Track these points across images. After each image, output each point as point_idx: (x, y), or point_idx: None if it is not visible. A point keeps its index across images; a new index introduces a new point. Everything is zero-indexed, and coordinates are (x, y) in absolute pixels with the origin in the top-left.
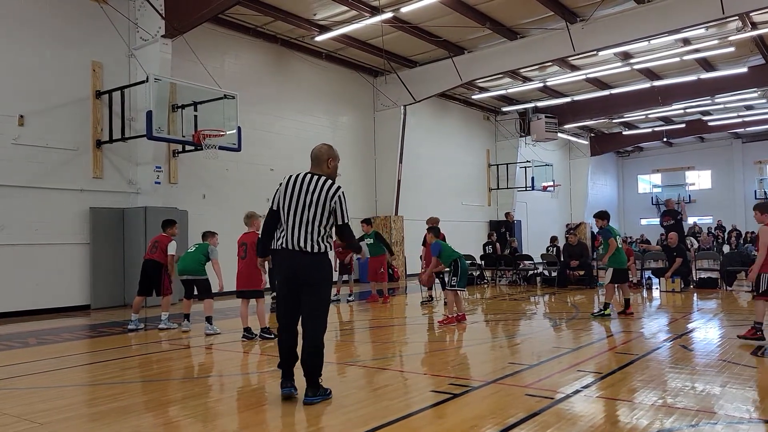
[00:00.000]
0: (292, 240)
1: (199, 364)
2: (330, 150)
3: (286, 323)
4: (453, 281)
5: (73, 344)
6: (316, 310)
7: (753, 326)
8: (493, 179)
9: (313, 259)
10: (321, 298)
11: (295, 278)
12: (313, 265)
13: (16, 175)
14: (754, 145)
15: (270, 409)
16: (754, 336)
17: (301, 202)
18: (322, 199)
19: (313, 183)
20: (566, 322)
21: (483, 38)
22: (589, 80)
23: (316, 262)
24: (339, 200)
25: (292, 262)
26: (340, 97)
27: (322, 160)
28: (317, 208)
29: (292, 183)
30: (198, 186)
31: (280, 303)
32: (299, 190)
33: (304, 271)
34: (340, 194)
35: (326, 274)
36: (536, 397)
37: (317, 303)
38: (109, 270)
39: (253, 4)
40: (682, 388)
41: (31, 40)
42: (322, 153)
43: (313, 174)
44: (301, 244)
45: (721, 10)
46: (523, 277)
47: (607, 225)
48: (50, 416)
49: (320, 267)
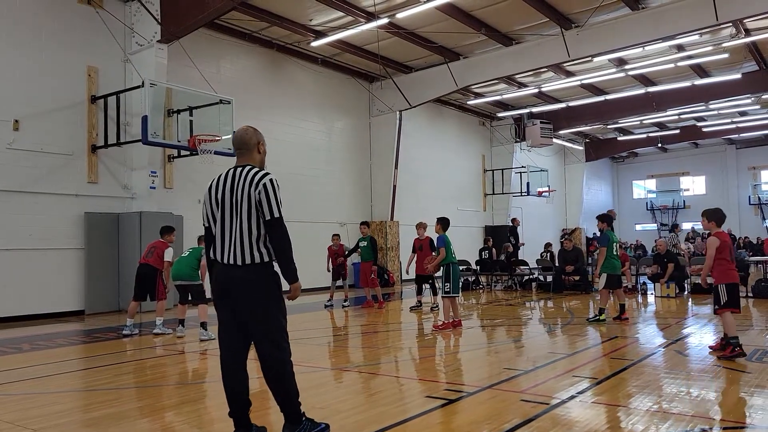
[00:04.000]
0: (223, 251)
1: (193, 370)
2: (257, 133)
3: (227, 358)
4: (446, 287)
5: (67, 350)
6: (268, 332)
7: (729, 343)
8: (488, 184)
9: (248, 271)
10: (274, 315)
11: (230, 297)
12: (256, 278)
13: (10, 180)
14: (748, 151)
15: (266, 415)
16: (733, 353)
17: (228, 203)
18: (247, 192)
19: (238, 176)
20: (561, 327)
21: (478, 44)
22: (584, 86)
23: (260, 274)
24: (265, 188)
25: (225, 278)
26: (336, 103)
27: (252, 145)
28: (248, 205)
29: (215, 186)
30: (193, 191)
31: (220, 330)
32: (223, 190)
33: (238, 288)
34: (266, 181)
35: (272, 287)
36: (531, 403)
37: (271, 323)
38: (103, 275)
39: (249, 10)
40: (677, 393)
41: (27, 45)
42: (249, 136)
43: (236, 167)
44: (233, 255)
45: (715, 17)
46: (519, 282)
47: (607, 229)
48: (44, 422)
49: (260, 281)
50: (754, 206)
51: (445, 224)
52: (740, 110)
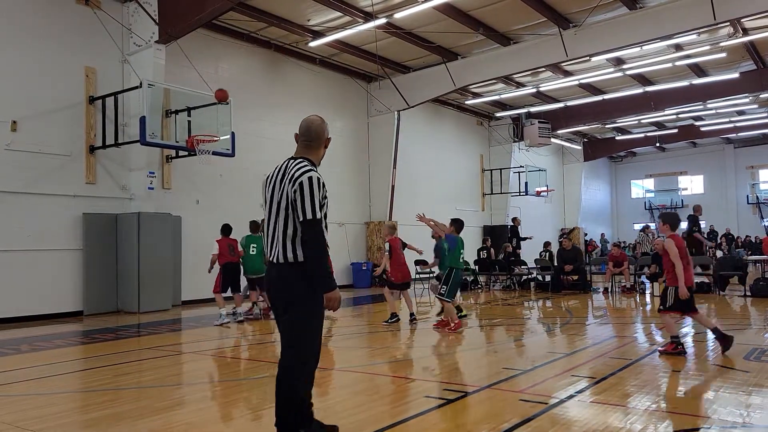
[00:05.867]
0: (269, 248)
1: (192, 371)
2: (327, 127)
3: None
4: (442, 289)
5: (66, 351)
6: (291, 338)
7: (671, 341)
8: (486, 184)
9: (282, 270)
10: (302, 320)
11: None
12: (291, 278)
13: (8, 181)
14: (746, 150)
15: (264, 415)
16: (675, 351)
17: (273, 198)
18: (286, 189)
19: (287, 170)
20: (560, 327)
21: (476, 44)
22: (582, 86)
23: (295, 275)
24: (301, 186)
25: (269, 277)
26: (334, 103)
27: (320, 139)
28: (286, 202)
29: (268, 180)
30: (192, 191)
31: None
32: (273, 185)
33: (272, 287)
34: (303, 179)
35: (307, 290)
36: (530, 402)
37: (291, 327)
38: (102, 276)
39: (247, 10)
40: (676, 392)
41: (25, 45)
42: (320, 129)
43: (291, 158)
44: (273, 252)
45: (713, 16)
46: (517, 282)
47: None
48: (43, 423)
49: (290, 282)
50: (752, 205)
51: (459, 226)
52: (738, 109)
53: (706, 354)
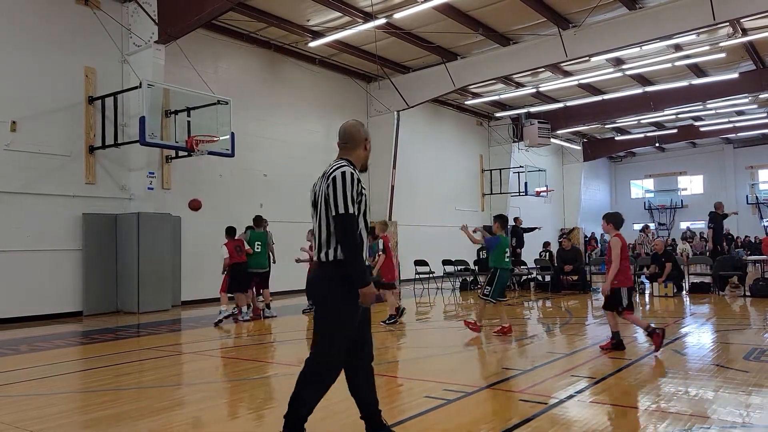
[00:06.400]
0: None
1: (192, 371)
2: (365, 128)
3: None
4: (486, 290)
5: (66, 351)
6: (316, 337)
7: (612, 337)
8: (486, 184)
9: (320, 268)
10: (322, 320)
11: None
12: (318, 278)
13: (8, 181)
14: (746, 150)
15: (265, 415)
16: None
17: (318, 200)
18: (323, 188)
19: (324, 172)
20: (560, 327)
21: (476, 44)
22: (582, 86)
23: (323, 275)
24: (333, 181)
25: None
26: (334, 103)
27: (358, 141)
28: (323, 200)
29: (315, 183)
30: (191, 192)
31: None
32: (316, 186)
33: (309, 287)
34: (336, 174)
35: (333, 290)
36: (530, 403)
37: (317, 327)
38: (101, 276)
39: (246, 10)
40: (675, 392)
41: (24, 46)
42: (357, 131)
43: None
44: (316, 252)
45: (712, 16)
46: (517, 282)
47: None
48: (43, 423)
49: (326, 280)
50: (751, 205)
51: (503, 222)
52: (737, 110)
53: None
